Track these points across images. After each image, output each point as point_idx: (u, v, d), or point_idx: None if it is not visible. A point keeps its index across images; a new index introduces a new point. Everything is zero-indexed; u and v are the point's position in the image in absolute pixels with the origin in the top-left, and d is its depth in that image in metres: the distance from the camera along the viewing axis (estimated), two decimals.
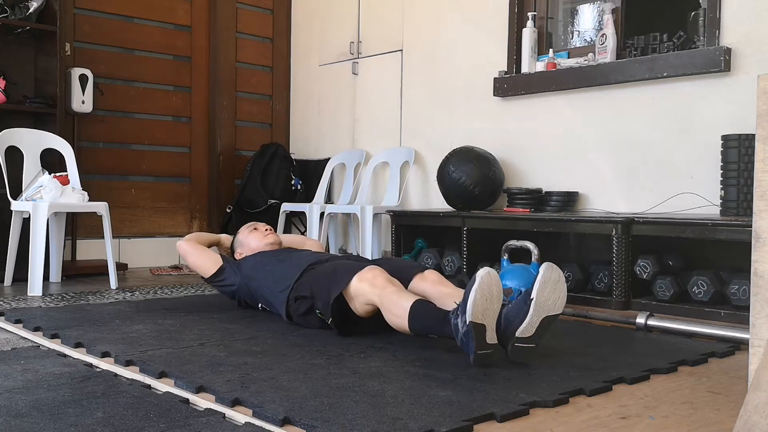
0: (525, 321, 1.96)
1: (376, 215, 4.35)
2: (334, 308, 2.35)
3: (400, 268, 2.49)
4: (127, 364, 1.98)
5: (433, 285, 2.41)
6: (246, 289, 2.86)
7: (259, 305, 2.84)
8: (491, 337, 1.94)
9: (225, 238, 3.24)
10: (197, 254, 3.01)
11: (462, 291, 2.23)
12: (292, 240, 3.27)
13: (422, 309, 2.13)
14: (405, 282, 2.38)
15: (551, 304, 1.99)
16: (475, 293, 1.90)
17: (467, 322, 1.90)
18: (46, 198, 3.55)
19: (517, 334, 1.95)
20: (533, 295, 1.97)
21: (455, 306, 2.01)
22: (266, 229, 3.10)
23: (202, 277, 3.03)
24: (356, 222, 4.49)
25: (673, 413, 1.62)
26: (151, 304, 3.08)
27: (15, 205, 3.61)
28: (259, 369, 1.91)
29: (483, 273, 1.92)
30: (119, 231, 4.57)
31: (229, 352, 2.12)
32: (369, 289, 2.25)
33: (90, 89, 4.24)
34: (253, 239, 3.05)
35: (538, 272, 2.03)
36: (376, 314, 2.29)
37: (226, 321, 2.67)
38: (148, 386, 1.78)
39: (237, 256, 3.05)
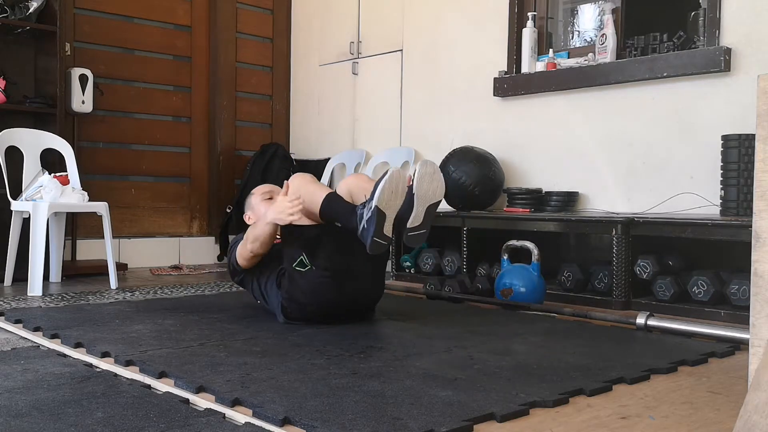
0: (412, 213, 2.33)
1: None
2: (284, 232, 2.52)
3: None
4: (127, 364, 1.98)
5: (353, 178, 2.69)
6: (248, 283, 2.84)
7: (257, 300, 2.83)
8: (388, 229, 2.29)
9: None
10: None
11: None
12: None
13: (335, 199, 2.46)
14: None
15: (431, 194, 2.34)
16: (384, 184, 2.24)
17: (372, 207, 2.25)
18: (46, 198, 3.55)
19: (408, 225, 2.35)
20: (414, 190, 2.31)
21: (365, 199, 2.34)
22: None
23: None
24: None
25: (673, 413, 1.62)
26: (151, 304, 3.08)
27: (15, 205, 3.61)
28: (259, 369, 1.91)
29: (393, 169, 2.27)
30: (119, 231, 4.57)
31: (229, 352, 2.12)
32: (293, 183, 2.51)
33: (90, 89, 4.24)
34: (265, 209, 2.74)
35: (539, 272, 2.12)
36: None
37: (226, 321, 2.67)
38: (148, 386, 1.78)
39: (246, 219, 2.90)
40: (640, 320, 2.59)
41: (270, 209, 2.53)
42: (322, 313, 2.54)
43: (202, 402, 1.64)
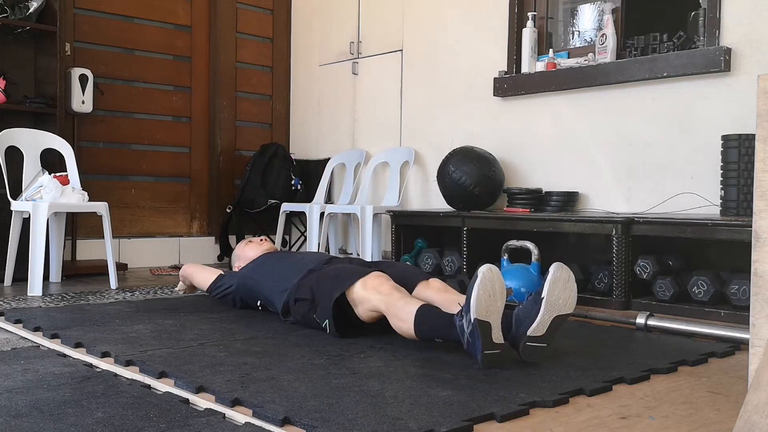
0: (536, 320, 1.96)
1: (376, 215, 4.36)
2: (335, 311, 2.35)
3: (404, 273, 2.50)
4: (127, 364, 1.98)
5: (437, 292, 2.40)
6: (244, 288, 2.87)
7: (258, 303, 2.84)
8: (497, 336, 1.94)
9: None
10: (200, 271, 3.21)
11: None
12: None
13: (428, 313, 2.12)
14: (409, 288, 2.38)
15: (562, 303, 1.99)
16: (478, 289, 1.90)
17: (472, 320, 1.90)
18: (46, 198, 3.55)
19: (529, 333, 1.96)
20: (544, 294, 1.97)
21: (460, 307, 2.00)
22: (261, 239, 3.20)
23: (205, 292, 3.15)
24: (356, 222, 4.49)
25: (673, 413, 1.62)
26: (151, 304, 3.08)
27: (15, 205, 3.61)
28: (259, 369, 1.91)
29: (484, 269, 1.92)
30: (119, 231, 4.57)
31: (229, 352, 2.12)
32: (374, 296, 2.24)
33: (90, 89, 4.24)
34: (249, 250, 3.10)
35: (539, 272, 2.04)
36: (379, 320, 2.30)
37: (226, 321, 2.67)
38: (148, 386, 1.78)
39: (236, 269, 3.10)
40: (640, 320, 2.59)
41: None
42: None
43: (202, 402, 1.64)
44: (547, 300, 1.97)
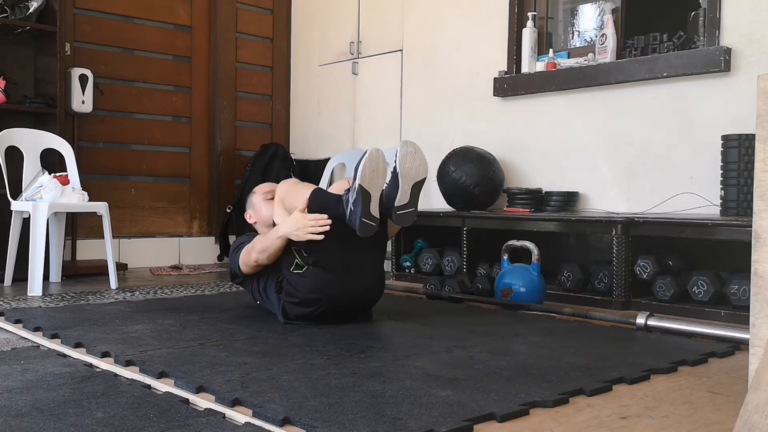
0: (398, 191, 2.38)
1: None
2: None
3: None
4: (127, 364, 1.98)
5: (340, 182, 2.77)
6: (253, 285, 2.85)
7: (257, 302, 2.84)
8: (374, 209, 2.34)
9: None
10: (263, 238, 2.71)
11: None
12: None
13: (320, 193, 2.54)
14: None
15: (414, 172, 2.40)
16: (364, 163, 2.30)
17: (356, 187, 2.29)
18: (46, 198, 3.55)
19: (396, 203, 2.39)
20: (398, 169, 2.37)
21: (349, 185, 2.39)
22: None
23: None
24: None
25: (673, 413, 1.62)
26: (151, 304, 3.08)
27: (15, 205, 3.61)
28: (259, 369, 1.91)
29: (372, 149, 2.33)
30: (119, 231, 4.57)
31: (229, 352, 2.12)
32: (283, 189, 2.66)
33: (90, 89, 4.24)
34: (266, 209, 2.85)
35: (539, 272, 2.12)
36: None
37: (226, 321, 2.67)
38: (148, 386, 1.78)
39: (247, 217, 2.93)
40: (640, 320, 2.59)
41: (285, 223, 2.51)
42: (323, 310, 2.53)
43: (202, 402, 1.64)
44: (401, 173, 2.37)
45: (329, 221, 2.43)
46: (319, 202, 2.48)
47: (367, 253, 2.58)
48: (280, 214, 2.63)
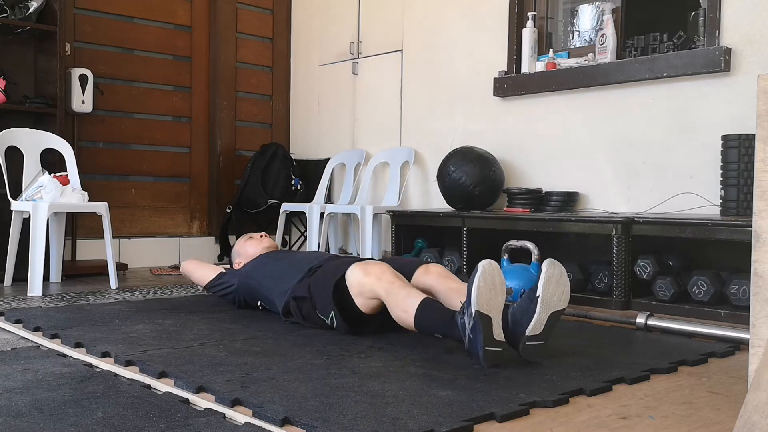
0: (534, 318, 1.95)
1: (376, 215, 4.35)
2: (337, 304, 2.35)
3: (403, 264, 2.49)
4: (127, 364, 1.98)
5: (438, 278, 2.37)
6: (245, 288, 2.87)
7: (258, 303, 2.84)
8: (498, 333, 1.93)
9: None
10: (199, 268, 3.17)
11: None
12: None
13: (430, 307, 2.12)
14: (408, 275, 2.37)
15: (557, 299, 1.99)
16: (478, 281, 1.90)
17: (473, 313, 1.89)
18: (46, 198, 3.55)
19: (527, 332, 1.95)
20: (539, 292, 1.97)
21: (461, 304, 2.00)
22: (261, 235, 3.17)
23: (202, 289, 3.14)
24: (356, 222, 4.49)
25: (673, 413, 1.62)
26: (151, 304, 3.08)
27: (15, 205, 3.61)
28: (259, 369, 1.91)
29: (485, 263, 1.93)
30: (119, 231, 4.57)
31: (229, 352, 2.12)
32: (376, 282, 2.23)
33: (90, 89, 4.24)
34: (249, 247, 3.08)
35: (539, 270, 2.03)
36: (381, 311, 2.29)
37: (226, 321, 2.67)
38: (148, 386, 1.78)
39: (236, 266, 3.08)
40: (640, 320, 2.59)
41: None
42: None
43: (202, 402, 1.64)
44: (543, 298, 1.96)
45: None
46: (427, 324, 2.14)
47: None
48: (357, 294, 2.32)
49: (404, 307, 2.15)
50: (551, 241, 3.55)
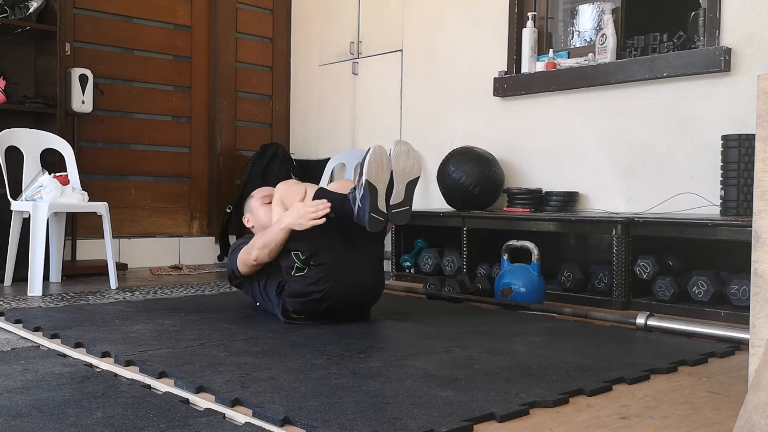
0: (393, 190, 2.42)
1: None
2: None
3: None
4: (127, 364, 1.98)
5: (339, 182, 2.83)
6: (248, 285, 2.86)
7: (257, 303, 2.84)
8: (382, 204, 2.38)
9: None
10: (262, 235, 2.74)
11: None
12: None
13: (323, 192, 2.55)
14: None
15: (408, 170, 2.45)
16: (370, 158, 2.33)
17: (364, 183, 2.33)
18: (46, 198, 3.55)
19: (391, 202, 2.43)
20: (392, 167, 2.40)
21: (353, 185, 2.44)
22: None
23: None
24: None
25: (673, 413, 1.62)
26: (151, 304, 3.08)
27: (15, 205, 3.61)
28: (259, 369, 1.91)
29: (375, 146, 2.36)
30: (119, 231, 4.57)
31: (229, 352, 2.12)
32: (283, 189, 2.69)
33: (90, 89, 4.24)
34: (264, 213, 2.86)
35: (539, 272, 2.13)
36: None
37: (226, 321, 2.67)
38: (148, 386, 1.78)
39: (245, 221, 2.94)
40: (640, 320, 2.59)
41: (286, 214, 2.53)
42: (324, 307, 2.53)
43: (202, 402, 1.64)
44: (396, 172, 2.41)
45: (329, 204, 2.48)
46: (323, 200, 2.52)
47: (365, 250, 2.61)
48: (279, 213, 2.64)
49: (300, 192, 2.64)
50: (551, 241, 3.55)
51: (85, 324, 2.56)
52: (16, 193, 3.68)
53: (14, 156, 3.78)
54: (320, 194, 2.55)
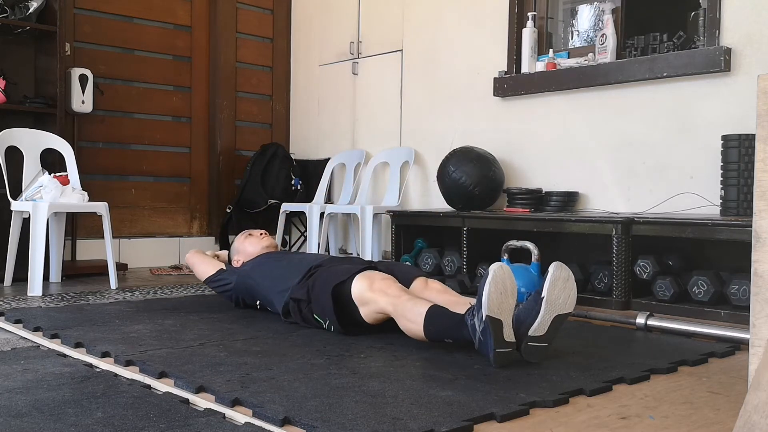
0: (537, 320, 1.96)
1: (376, 215, 4.35)
2: (336, 311, 2.36)
3: (404, 271, 2.51)
4: (127, 364, 1.98)
5: (438, 294, 2.39)
6: (243, 287, 2.87)
7: (257, 303, 2.84)
8: (509, 335, 1.94)
9: (223, 252, 3.30)
10: (201, 262, 3.12)
11: (468, 299, 2.25)
12: None
13: (437, 313, 2.11)
14: (406, 284, 2.39)
15: (562, 302, 1.99)
16: (489, 286, 1.89)
17: (484, 317, 1.90)
18: (46, 198, 3.55)
19: (530, 333, 1.96)
20: (544, 293, 1.96)
21: (470, 306, 2.02)
22: (261, 234, 3.13)
23: (202, 282, 3.11)
24: (356, 222, 4.49)
25: (673, 413, 1.62)
26: (151, 304, 3.08)
27: (15, 205, 3.61)
28: (259, 369, 1.91)
29: (496, 267, 1.92)
30: (119, 231, 4.57)
31: (229, 352, 2.12)
32: (382, 298, 2.24)
33: (90, 89, 4.24)
34: (249, 245, 3.06)
35: (539, 272, 2.04)
36: (383, 321, 2.31)
37: (226, 321, 2.67)
38: (148, 386, 1.78)
39: (234, 264, 3.06)
40: (640, 320, 2.59)
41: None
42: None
43: (202, 402, 1.64)
44: (548, 299, 1.96)
45: None
46: (436, 330, 2.12)
47: None
48: (363, 303, 2.33)
49: (412, 317, 2.15)
50: (551, 241, 3.55)
51: (85, 324, 2.56)
52: (16, 193, 3.68)
53: (14, 156, 3.78)
54: (433, 317, 2.11)
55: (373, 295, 2.27)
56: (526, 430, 1.49)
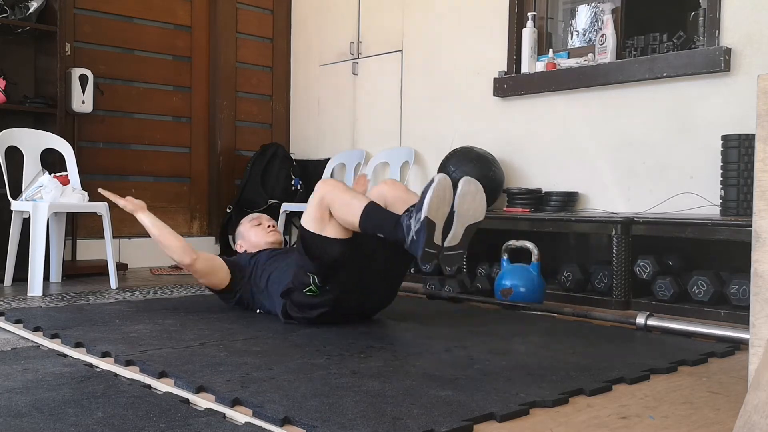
0: (451, 231, 2.19)
1: None
2: (314, 259, 2.40)
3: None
4: (127, 364, 1.98)
5: (390, 186, 2.57)
6: (247, 295, 2.85)
7: (258, 311, 2.83)
8: (437, 238, 2.16)
9: None
10: (210, 270, 2.89)
11: (417, 197, 2.40)
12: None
13: (374, 209, 2.31)
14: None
15: (472, 213, 2.21)
16: (432, 192, 2.12)
17: (422, 218, 2.12)
18: (46, 198, 3.55)
19: (445, 243, 2.20)
20: (455, 207, 2.18)
21: (407, 208, 2.23)
22: (269, 226, 3.08)
23: (212, 290, 2.94)
24: None
25: (673, 413, 1.62)
26: (151, 304, 3.08)
27: (15, 205, 3.61)
28: (259, 369, 1.91)
29: (440, 176, 2.14)
30: (119, 231, 4.57)
31: (229, 352, 2.12)
32: (327, 191, 2.37)
33: (90, 89, 4.24)
34: (254, 234, 3.03)
35: (539, 272, 2.10)
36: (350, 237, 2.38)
37: (226, 321, 2.67)
38: (148, 386, 1.78)
39: (237, 248, 3.05)
40: (640, 320, 2.59)
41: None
42: (328, 319, 2.53)
43: (202, 402, 1.64)
44: (458, 212, 2.18)
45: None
46: (374, 223, 2.30)
47: (387, 268, 2.54)
48: (317, 218, 2.40)
49: (350, 209, 2.31)
50: (551, 241, 3.55)
51: (85, 324, 2.56)
52: (16, 193, 3.68)
53: (14, 156, 3.78)
54: (371, 213, 2.30)
55: (320, 194, 2.38)
56: (526, 430, 1.49)
